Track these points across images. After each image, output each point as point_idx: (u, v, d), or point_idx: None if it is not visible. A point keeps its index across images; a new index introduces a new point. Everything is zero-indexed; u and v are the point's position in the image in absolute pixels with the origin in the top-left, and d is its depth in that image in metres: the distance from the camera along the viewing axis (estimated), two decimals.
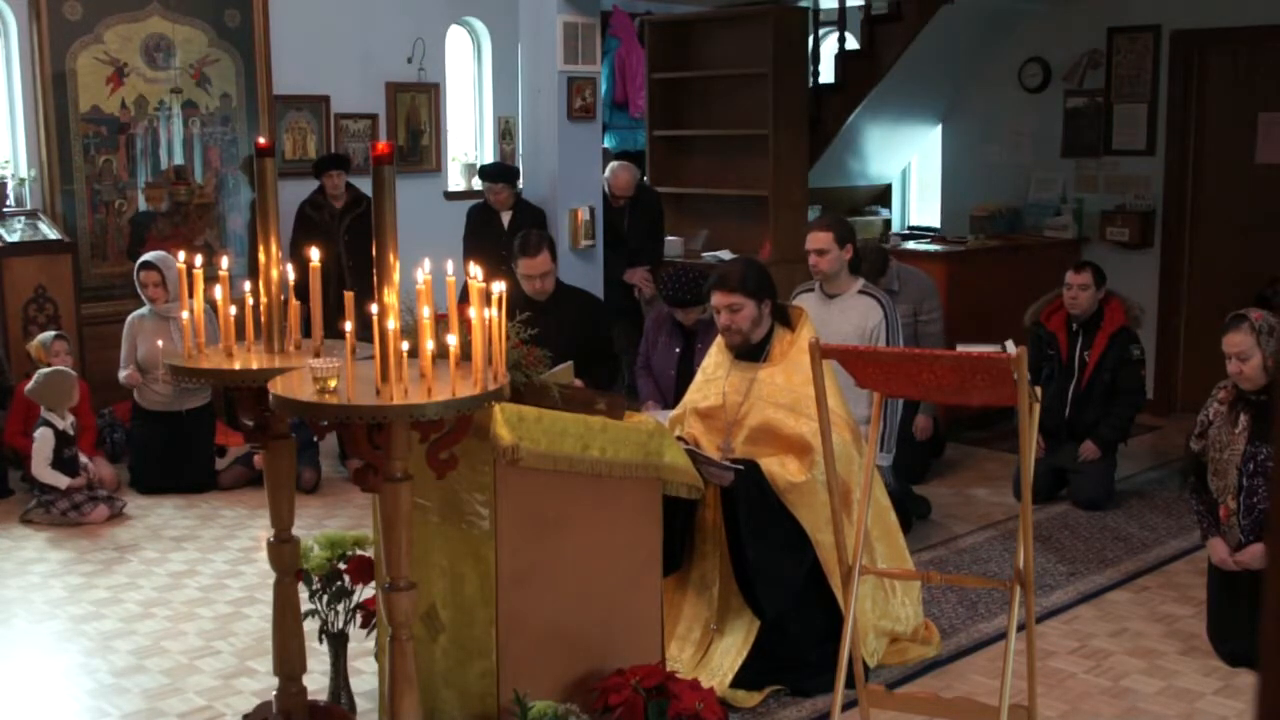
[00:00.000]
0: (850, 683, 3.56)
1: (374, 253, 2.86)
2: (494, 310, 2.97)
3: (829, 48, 9.46)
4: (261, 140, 3.75)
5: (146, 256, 6.58)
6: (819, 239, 5.26)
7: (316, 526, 5.63)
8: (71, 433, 6.12)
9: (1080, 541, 5.72)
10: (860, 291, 5.29)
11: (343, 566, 3.94)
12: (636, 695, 3.32)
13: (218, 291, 3.54)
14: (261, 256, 3.59)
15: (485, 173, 7.33)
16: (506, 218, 7.12)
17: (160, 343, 6.41)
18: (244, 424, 3.57)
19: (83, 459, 6.14)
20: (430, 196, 8.72)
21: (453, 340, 2.91)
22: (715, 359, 4.38)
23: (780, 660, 4.12)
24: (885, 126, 9.02)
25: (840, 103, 8.67)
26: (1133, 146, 8.23)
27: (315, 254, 3.45)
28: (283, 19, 7.93)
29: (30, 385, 6.13)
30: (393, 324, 2.85)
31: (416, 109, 8.75)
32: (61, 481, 5.96)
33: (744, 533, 4.03)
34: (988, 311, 7.43)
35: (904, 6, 8.40)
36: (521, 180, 7.35)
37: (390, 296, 2.86)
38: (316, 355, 3.37)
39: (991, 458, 7.05)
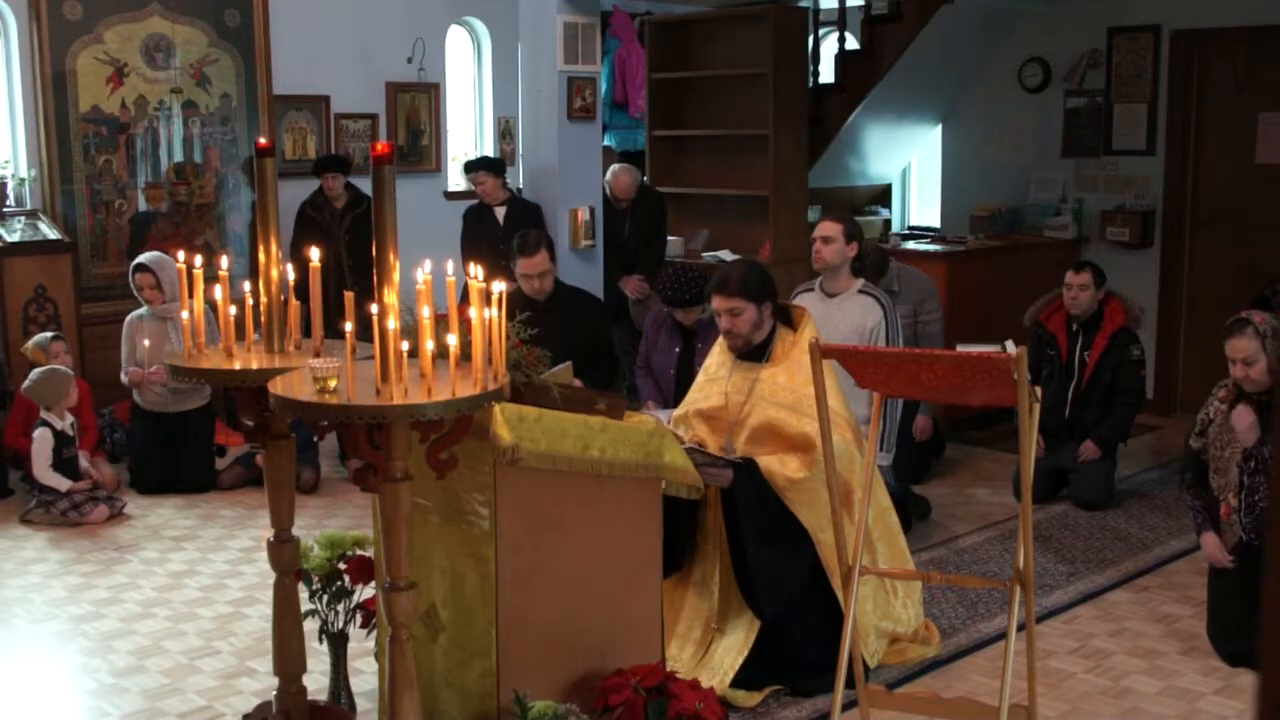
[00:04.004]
0: (850, 683, 3.56)
1: (374, 253, 2.86)
2: (494, 310, 2.97)
3: (829, 48, 9.46)
4: (261, 140, 3.75)
5: (140, 259, 6.56)
6: (829, 227, 5.28)
7: (316, 526, 5.63)
8: (71, 433, 6.12)
9: (1080, 541, 5.72)
10: (860, 291, 5.29)
11: (343, 566, 3.94)
12: (636, 695, 3.32)
13: (218, 291, 3.54)
14: (261, 256, 3.59)
15: (467, 165, 7.33)
16: (500, 213, 7.12)
17: (147, 342, 6.41)
18: (244, 424, 3.57)
19: (83, 463, 6.13)
20: (430, 196, 8.72)
21: (453, 340, 2.91)
22: (718, 359, 4.38)
23: (780, 660, 4.12)
24: (885, 126, 9.02)
25: (840, 103, 8.67)
26: (1133, 146, 8.23)
27: (315, 254, 3.45)
28: (283, 19, 7.93)
29: (26, 384, 6.13)
30: (393, 324, 2.85)
31: (416, 109, 8.75)
32: (62, 484, 5.95)
33: (743, 532, 4.03)
34: (988, 311, 7.42)
35: (904, 6, 8.40)
36: (521, 178, 7.35)
37: (390, 296, 2.86)
38: (316, 355, 3.37)
39: (991, 458, 7.05)
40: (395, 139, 8.57)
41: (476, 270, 3.06)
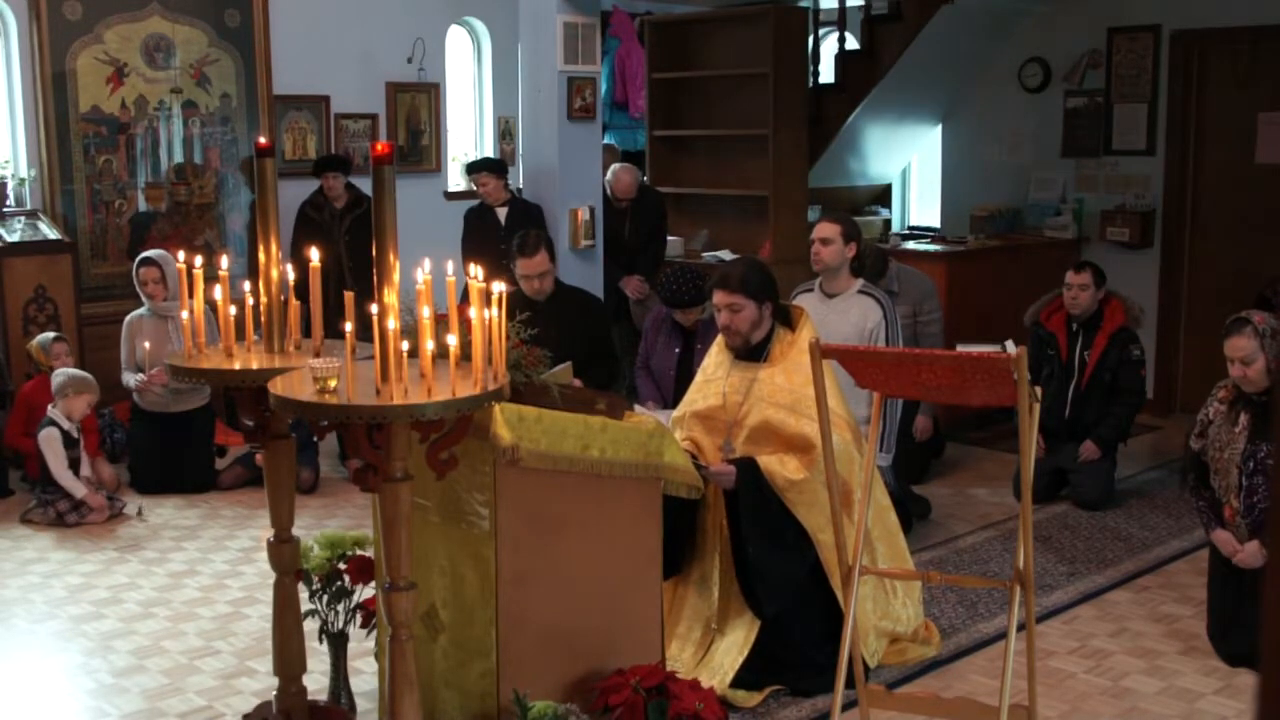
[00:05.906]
0: (850, 683, 3.56)
1: (374, 253, 2.86)
2: (494, 310, 2.97)
3: (829, 48, 9.46)
4: (262, 140, 3.75)
5: (146, 253, 6.58)
6: (826, 229, 5.27)
7: (316, 526, 5.63)
8: (75, 435, 6.11)
9: (1080, 541, 5.72)
10: (860, 291, 5.28)
11: (343, 566, 3.94)
12: (636, 695, 3.32)
13: (218, 291, 3.54)
14: (261, 256, 3.59)
15: (469, 166, 7.35)
16: (502, 214, 7.12)
17: (147, 344, 6.41)
18: (244, 424, 3.57)
19: (84, 470, 6.12)
20: (430, 196, 8.72)
21: (453, 340, 2.91)
22: (716, 359, 4.38)
23: (780, 660, 4.12)
24: (885, 126, 9.02)
25: (840, 103, 8.67)
26: (1133, 146, 8.23)
27: (315, 254, 3.45)
28: (283, 19, 7.94)
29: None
30: (393, 324, 2.85)
31: (416, 109, 8.75)
32: (78, 489, 5.90)
33: (745, 531, 4.03)
34: (988, 311, 7.43)
35: (904, 6, 8.40)
36: (521, 178, 7.35)
37: (390, 296, 2.86)
38: (316, 355, 3.37)
39: (991, 458, 7.04)
40: (395, 139, 8.57)
41: (476, 270, 3.06)
